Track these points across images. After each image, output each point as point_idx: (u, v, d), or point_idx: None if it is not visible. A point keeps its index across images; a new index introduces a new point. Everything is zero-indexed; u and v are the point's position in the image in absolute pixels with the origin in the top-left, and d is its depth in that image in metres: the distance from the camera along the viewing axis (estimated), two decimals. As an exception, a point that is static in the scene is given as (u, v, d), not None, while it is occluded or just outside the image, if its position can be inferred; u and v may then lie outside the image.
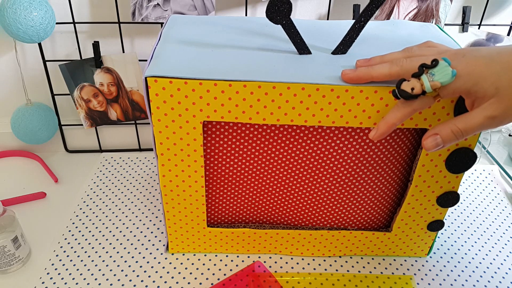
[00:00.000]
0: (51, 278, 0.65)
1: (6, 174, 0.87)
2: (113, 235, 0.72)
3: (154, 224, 0.75)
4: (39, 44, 0.80)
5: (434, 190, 0.60)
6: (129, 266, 0.67)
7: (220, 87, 0.49)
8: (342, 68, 0.52)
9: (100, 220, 0.75)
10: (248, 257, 0.69)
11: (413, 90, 0.44)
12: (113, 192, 0.82)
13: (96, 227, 0.74)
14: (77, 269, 0.66)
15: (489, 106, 0.42)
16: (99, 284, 0.64)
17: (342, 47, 0.55)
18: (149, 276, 0.65)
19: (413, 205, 0.62)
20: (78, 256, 0.68)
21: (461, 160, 0.55)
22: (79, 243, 0.71)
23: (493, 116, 0.42)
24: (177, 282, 0.65)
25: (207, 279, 0.65)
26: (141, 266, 0.67)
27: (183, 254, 0.69)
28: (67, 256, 0.68)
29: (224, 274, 0.66)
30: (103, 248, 0.70)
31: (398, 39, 0.61)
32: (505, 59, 0.42)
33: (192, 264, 0.68)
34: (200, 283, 0.65)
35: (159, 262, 0.68)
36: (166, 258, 0.68)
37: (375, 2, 0.52)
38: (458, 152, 0.55)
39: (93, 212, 0.77)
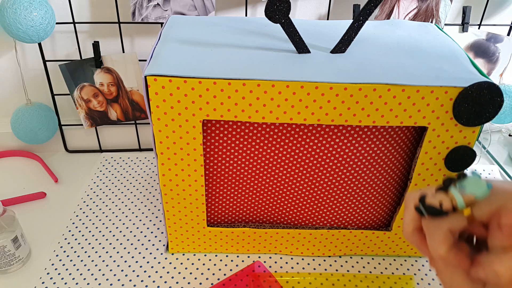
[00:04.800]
0: (51, 278, 0.65)
1: (6, 174, 0.87)
2: (113, 235, 0.72)
3: (154, 224, 0.75)
4: (39, 44, 0.80)
5: (434, 189, 0.60)
6: (129, 266, 0.67)
7: (220, 85, 0.49)
8: (341, 66, 0.52)
9: (100, 220, 0.75)
10: (248, 257, 0.69)
11: (441, 206, 0.37)
12: (113, 192, 0.82)
13: (96, 227, 0.74)
14: (77, 269, 0.66)
15: None
16: (99, 284, 0.64)
17: (341, 46, 0.55)
18: (149, 276, 0.65)
19: (413, 204, 0.62)
20: (78, 256, 0.68)
21: (460, 158, 0.55)
22: (79, 243, 0.71)
23: None
24: (177, 282, 0.65)
25: (207, 279, 0.65)
26: (141, 266, 0.67)
27: (183, 254, 0.69)
28: (67, 256, 0.68)
29: (224, 274, 0.66)
30: (103, 248, 0.70)
31: (397, 38, 0.61)
32: None
33: (192, 264, 0.68)
34: (200, 283, 0.65)
35: (159, 262, 0.68)
36: (166, 258, 0.68)
37: (373, 1, 0.52)
38: (457, 150, 0.55)
39: (93, 212, 0.77)
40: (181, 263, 0.68)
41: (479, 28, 0.86)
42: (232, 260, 0.68)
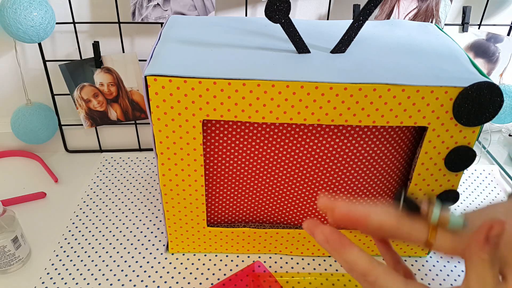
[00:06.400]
0: (51, 278, 0.65)
1: (6, 174, 0.87)
2: (113, 235, 0.72)
3: (154, 224, 0.75)
4: (39, 44, 0.80)
5: (433, 188, 0.60)
6: (129, 266, 0.67)
7: (220, 85, 0.49)
8: (341, 66, 0.52)
9: (100, 220, 0.75)
10: (248, 257, 0.69)
11: (419, 205, 0.38)
12: (113, 192, 0.82)
13: (96, 227, 0.74)
14: (77, 269, 0.66)
15: None
16: (99, 284, 0.64)
17: (341, 46, 0.55)
18: (149, 276, 0.65)
19: (413, 204, 0.62)
20: (78, 256, 0.68)
21: (460, 158, 0.55)
22: (79, 243, 0.71)
23: None
24: (177, 282, 0.65)
25: (207, 279, 0.65)
26: (141, 266, 0.67)
27: (183, 254, 0.69)
28: (67, 256, 0.68)
29: (224, 274, 0.66)
30: (103, 248, 0.70)
31: (397, 38, 0.61)
32: None
33: (192, 264, 0.68)
34: (200, 283, 0.65)
35: (159, 262, 0.68)
36: (166, 258, 0.68)
37: (373, 1, 0.52)
38: (457, 150, 0.55)
39: (93, 212, 0.77)
40: (181, 263, 0.68)
41: (479, 28, 0.86)
42: (232, 260, 0.68)
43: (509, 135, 0.99)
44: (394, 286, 0.35)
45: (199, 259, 0.68)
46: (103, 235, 0.72)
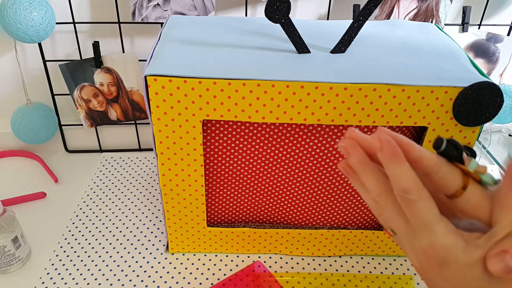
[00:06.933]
0: (51, 278, 0.65)
1: (6, 174, 0.87)
2: (113, 235, 0.72)
3: (154, 224, 0.75)
4: (39, 44, 0.80)
5: (434, 189, 0.59)
6: (129, 266, 0.67)
7: (220, 85, 0.49)
8: (341, 66, 0.52)
9: (100, 220, 0.75)
10: (248, 257, 0.69)
11: (461, 152, 0.38)
12: (113, 192, 0.82)
13: (96, 227, 0.74)
14: (77, 269, 0.66)
15: None
16: (99, 284, 0.64)
17: (341, 46, 0.55)
18: (149, 276, 0.65)
19: (413, 204, 0.62)
20: (78, 256, 0.68)
21: (460, 158, 0.55)
22: (79, 243, 0.71)
23: None
24: (177, 282, 0.65)
25: (207, 279, 0.65)
26: (141, 266, 0.67)
27: (183, 254, 0.69)
28: (67, 256, 0.68)
29: (224, 274, 0.66)
30: (103, 248, 0.70)
31: (397, 38, 0.61)
32: None
33: (192, 264, 0.68)
34: (200, 283, 0.65)
35: (159, 262, 0.68)
36: (166, 258, 0.68)
37: (373, 1, 0.52)
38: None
39: (93, 212, 0.77)
40: (181, 263, 0.68)
41: (479, 28, 0.86)
42: (232, 260, 0.68)
43: (509, 135, 0.99)
44: (429, 212, 0.34)
45: (199, 259, 0.68)
46: (103, 235, 0.72)
